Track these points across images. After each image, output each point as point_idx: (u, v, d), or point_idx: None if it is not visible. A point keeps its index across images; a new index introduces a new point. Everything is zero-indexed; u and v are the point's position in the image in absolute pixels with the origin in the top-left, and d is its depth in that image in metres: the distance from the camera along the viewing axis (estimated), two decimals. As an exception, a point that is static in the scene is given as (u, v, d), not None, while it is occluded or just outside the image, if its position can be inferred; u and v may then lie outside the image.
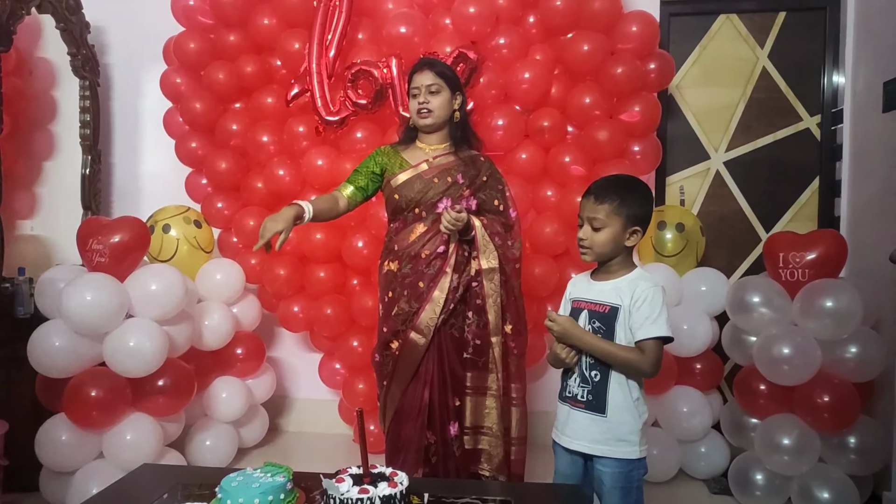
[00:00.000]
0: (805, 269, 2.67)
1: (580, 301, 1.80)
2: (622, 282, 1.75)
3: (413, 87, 2.37)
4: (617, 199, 1.72)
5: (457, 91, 2.40)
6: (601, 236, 1.73)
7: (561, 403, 1.82)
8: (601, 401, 1.72)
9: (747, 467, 2.73)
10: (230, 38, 3.31)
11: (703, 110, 3.52)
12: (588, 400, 1.73)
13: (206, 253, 3.30)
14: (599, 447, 1.72)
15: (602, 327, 1.72)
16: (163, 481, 1.57)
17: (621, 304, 1.71)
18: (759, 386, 2.69)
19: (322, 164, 3.16)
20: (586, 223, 1.76)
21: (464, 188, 2.35)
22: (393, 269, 2.37)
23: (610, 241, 1.73)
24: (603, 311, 1.74)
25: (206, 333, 3.04)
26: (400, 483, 1.30)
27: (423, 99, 2.33)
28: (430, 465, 2.31)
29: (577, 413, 1.75)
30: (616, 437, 1.71)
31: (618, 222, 1.72)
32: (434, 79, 2.34)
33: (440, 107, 2.35)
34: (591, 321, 1.75)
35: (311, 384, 3.63)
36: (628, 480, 1.71)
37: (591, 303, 1.77)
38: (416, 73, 2.38)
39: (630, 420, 1.72)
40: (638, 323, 1.69)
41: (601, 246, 1.74)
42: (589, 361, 1.75)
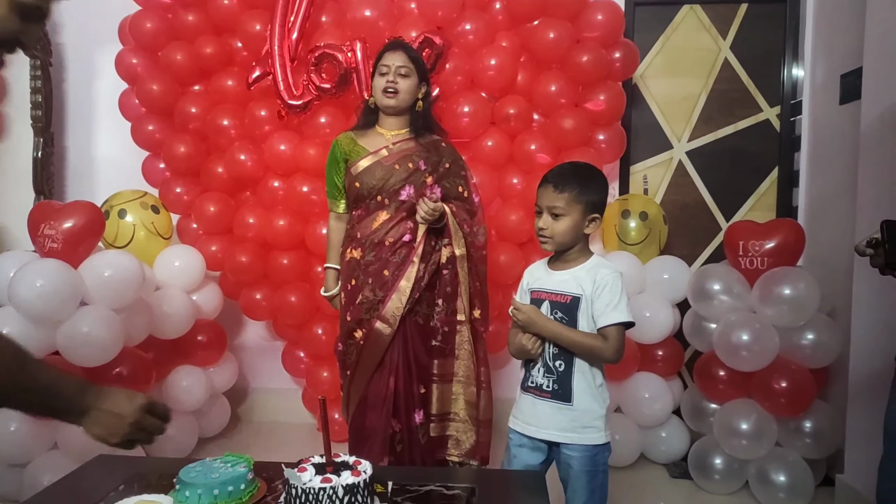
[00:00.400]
0: (764, 257, 2.73)
1: (540, 292, 1.80)
2: (580, 270, 1.76)
3: (382, 64, 2.33)
4: (577, 188, 1.72)
5: (423, 80, 2.38)
6: (561, 225, 1.73)
7: (524, 393, 1.82)
8: (566, 390, 1.73)
9: (706, 452, 2.78)
10: (189, 17, 3.22)
11: (667, 100, 3.55)
12: (554, 389, 1.74)
13: (165, 239, 3.22)
14: (567, 435, 1.74)
15: (564, 318, 1.73)
16: (119, 472, 1.53)
17: (582, 293, 1.72)
18: (718, 372, 2.74)
19: (285, 148, 3.10)
20: (545, 212, 1.75)
21: (426, 174, 2.33)
22: (356, 257, 2.34)
23: (570, 230, 1.73)
24: (564, 302, 1.74)
25: (164, 322, 2.97)
26: (363, 472, 1.29)
27: (392, 78, 2.30)
28: (396, 454, 2.30)
29: (543, 403, 1.76)
30: (582, 424, 1.73)
31: (578, 210, 1.73)
32: (406, 61, 2.32)
33: (407, 90, 2.33)
34: (553, 312, 1.75)
35: (274, 373, 3.59)
36: (594, 464, 1.74)
37: (551, 293, 1.77)
38: (387, 51, 2.35)
39: (595, 407, 1.74)
40: (599, 310, 1.70)
41: (562, 235, 1.74)
42: (553, 351, 1.75)
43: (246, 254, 3.20)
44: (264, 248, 3.23)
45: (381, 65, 2.34)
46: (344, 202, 2.44)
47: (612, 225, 3.21)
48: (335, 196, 2.45)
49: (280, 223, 3.12)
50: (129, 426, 1.15)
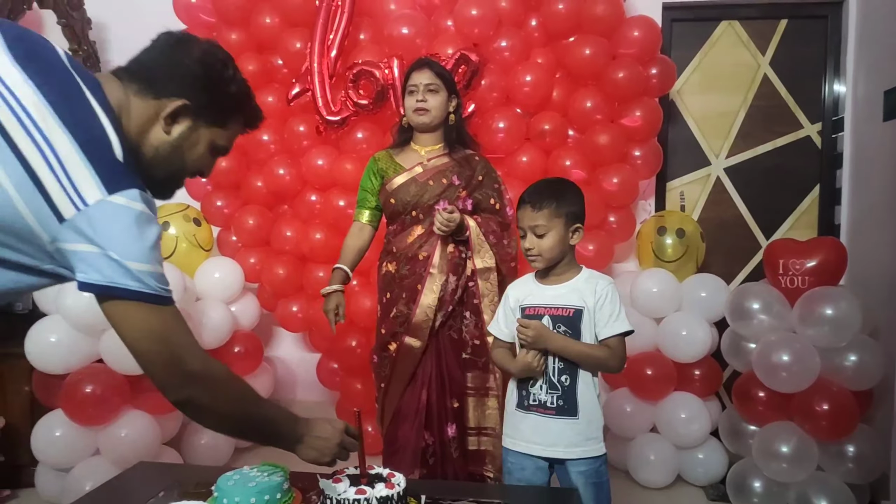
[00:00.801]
0: (805, 276, 2.67)
1: (536, 307, 1.80)
2: (578, 282, 1.79)
3: (411, 84, 2.36)
4: (553, 202, 1.76)
5: (453, 93, 2.40)
6: (547, 241, 1.76)
7: (523, 413, 1.80)
8: (572, 404, 1.75)
9: (745, 474, 2.73)
10: (232, 36, 3.30)
11: (704, 116, 3.52)
12: (559, 405, 1.75)
13: (205, 251, 3.30)
14: (573, 450, 1.75)
15: (568, 330, 1.74)
16: (159, 479, 1.56)
17: (584, 305, 1.74)
18: (757, 393, 2.69)
19: (322, 163, 3.15)
20: (528, 232, 1.78)
21: (460, 189, 2.35)
22: (391, 271, 2.37)
23: (557, 244, 1.77)
24: (567, 315, 1.75)
25: (204, 332, 3.03)
26: (397, 484, 1.30)
27: (420, 97, 2.33)
28: (428, 467, 2.30)
29: (548, 420, 1.76)
30: (586, 436, 1.75)
31: (559, 224, 1.76)
32: (433, 78, 2.34)
33: (437, 107, 2.35)
34: (556, 326, 1.76)
35: (309, 384, 3.63)
36: (599, 476, 1.77)
37: (550, 307, 1.78)
38: (414, 70, 2.38)
39: (597, 418, 1.77)
40: (602, 321, 1.74)
41: (549, 251, 1.77)
42: (558, 366, 1.76)
43: (283, 266, 3.26)
44: (301, 260, 3.29)
45: (409, 85, 2.37)
46: (368, 212, 2.46)
47: (648, 242, 3.18)
48: (362, 205, 2.48)
49: (317, 236, 3.17)
50: (336, 447, 1.31)
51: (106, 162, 1.00)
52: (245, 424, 1.21)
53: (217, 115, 1.18)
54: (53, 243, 1.00)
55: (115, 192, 0.99)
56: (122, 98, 1.11)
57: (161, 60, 1.14)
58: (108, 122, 1.04)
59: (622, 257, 3.42)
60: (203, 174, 1.26)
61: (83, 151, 0.98)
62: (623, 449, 3.10)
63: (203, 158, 1.21)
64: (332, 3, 3.11)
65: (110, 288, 0.99)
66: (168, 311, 1.07)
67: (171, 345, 1.07)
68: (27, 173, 0.96)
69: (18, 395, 2.86)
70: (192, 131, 1.16)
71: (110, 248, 0.98)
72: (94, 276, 0.99)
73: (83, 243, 0.98)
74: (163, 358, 1.07)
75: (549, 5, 3.08)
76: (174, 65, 1.13)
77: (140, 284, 1.01)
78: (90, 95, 1.04)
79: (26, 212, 0.97)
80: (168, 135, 1.14)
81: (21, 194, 0.96)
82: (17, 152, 0.96)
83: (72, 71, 1.05)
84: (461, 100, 2.49)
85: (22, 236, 0.99)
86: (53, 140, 0.97)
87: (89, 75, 1.08)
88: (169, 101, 1.12)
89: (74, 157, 0.97)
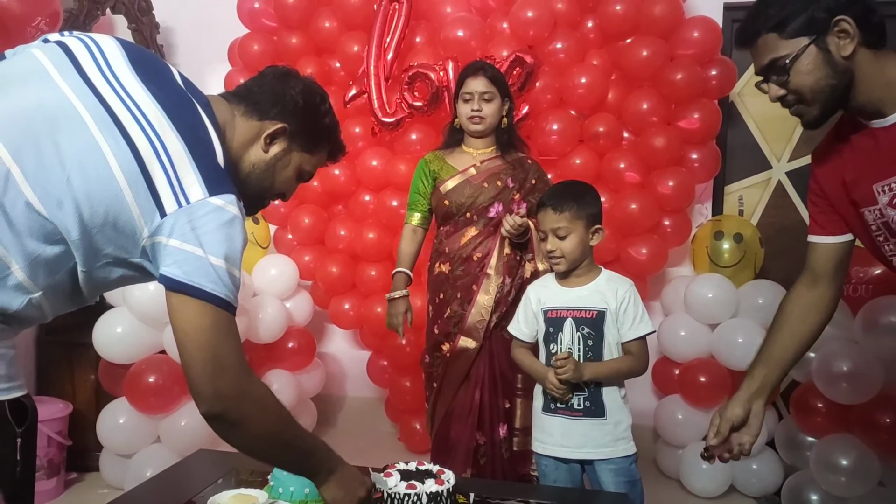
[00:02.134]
0: (868, 284, 2.59)
1: (558, 310, 1.83)
2: (599, 284, 1.82)
3: (465, 91, 2.36)
4: (574, 205, 1.79)
5: (506, 97, 2.40)
6: (569, 243, 1.79)
7: (550, 416, 1.83)
8: (599, 405, 1.77)
9: (801, 487, 2.65)
10: (292, 40, 3.39)
11: (766, 119, 3.42)
12: (587, 407, 1.77)
13: (263, 248, 3.39)
14: (602, 450, 1.77)
15: (591, 332, 1.77)
16: (217, 467, 1.62)
17: (607, 307, 1.77)
18: (816, 403, 2.61)
19: (377, 164, 3.20)
20: (550, 235, 1.81)
21: (514, 191, 2.35)
22: (444, 271, 2.39)
23: (578, 246, 1.79)
24: (590, 317, 1.78)
25: (260, 327, 3.12)
26: (447, 481, 1.32)
27: (476, 106, 2.33)
28: (479, 467, 2.32)
29: (576, 422, 1.79)
30: (615, 437, 1.77)
31: (580, 225, 1.79)
32: (488, 86, 2.33)
33: (492, 114, 2.35)
34: (579, 328, 1.78)
35: (360, 381, 3.68)
36: (631, 475, 1.79)
37: (573, 310, 1.81)
38: (468, 77, 2.37)
39: (625, 418, 1.80)
40: (627, 324, 1.77)
41: (571, 252, 1.79)
42: None
43: (336, 264, 3.32)
44: (354, 259, 3.34)
45: (463, 92, 2.37)
46: (420, 215, 2.48)
47: (703, 246, 3.12)
48: (413, 208, 2.50)
49: (370, 236, 3.22)
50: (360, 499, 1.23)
51: (210, 166, 1.08)
52: (277, 450, 1.16)
53: (309, 142, 1.29)
54: (151, 238, 1.04)
55: (215, 195, 1.05)
56: (227, 116, 1.21)
57: (267, 88, 1.26)
58: (214, 133, 1.13)
59: (676, 262, 3.36)
60: (285, 197, 1.35)
61: (190, 153, 1.05)
62: (675, 457, 3.05)
63: (290, 181, 1.31)
64: (390, 7, 3.16)
65: (185, 285, 1.02)
66: (223, 317, 1.06)
67: (216, 351, 1.05)
68: (139, 166, 1.02)
69: (86, 383, 2.99)
70: (285, 153, 1.26)
71: (201, 245, 1.03)
72: (175, 272, 1.03)
73: (176, 239, 1.02)
74: (203, 360, 1.04)
75: (606, 6, 3.05)
76: (279, 93, 1.24)
77: (214, 286, 1.03)
78: (199, 108, 1.14)
79: (133, 204, 1.03)
80: (265, 153, 1.24)
81: (131, 186, 1.02)
82: (131, 145, 1.03)
83: (182, 86, 1.16)
84: (514, 102, 2.49)
85: (124, 230, 1.05)
86: (165, 138, 1.04)
87: (200, 92, 1.19)
88: (271, 123, 1.23)
89: (182, 157, 1.04)
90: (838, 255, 1.51)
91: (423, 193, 2.46)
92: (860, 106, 1.31)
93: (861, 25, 1.23)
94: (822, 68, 1.25)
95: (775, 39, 1.27)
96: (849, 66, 1.25)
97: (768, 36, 1.28)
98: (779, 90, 1.31)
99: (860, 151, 1.35)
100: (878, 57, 1.26)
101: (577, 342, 1.79)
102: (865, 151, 1.34)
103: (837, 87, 1.27)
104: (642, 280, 3.20)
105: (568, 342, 1.79)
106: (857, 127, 1.36)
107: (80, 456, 2.97)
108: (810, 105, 1.30)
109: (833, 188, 1.43)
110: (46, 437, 2.74)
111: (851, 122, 1.38)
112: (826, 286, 1.54)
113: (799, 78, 1.27)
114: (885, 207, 1.32)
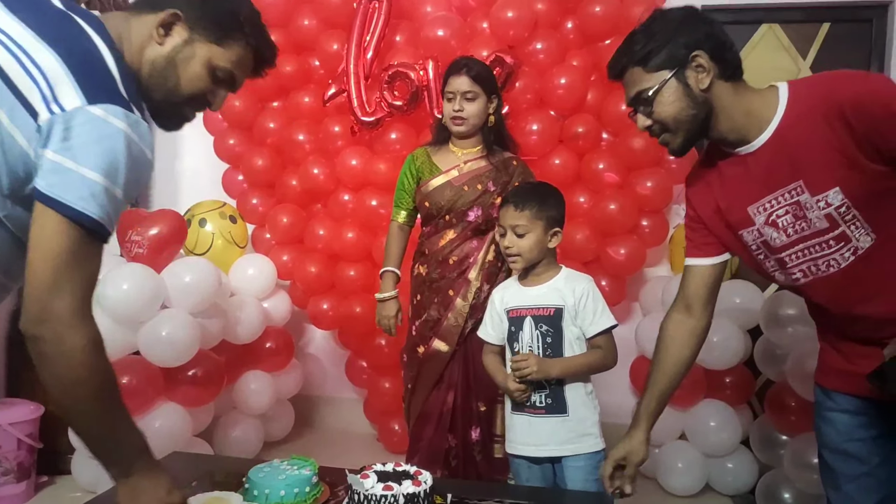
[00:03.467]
0: (842, 285, 2.61)
1: (518, 309, 1.84)
2: (557, 282, 1.83)
3: (448, 90, 2.31)
4: (536, 205, 1.80)
5: (493, 94, 2.34)
6: (526, 242, 1.80)
7: (517, 414, 1.83)
8: (561, 401, 1.78)
9: (776, 484, 2.68)
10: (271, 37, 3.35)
11: (742, 121, 3.46)
12: (548, 404, 1.78)
13: (240, 248, 3.36)
14: (568, 447, 1.78)
15: (550, 329, 1.78)
16: (191, 470, 1.60)
17: (564, 303, 1.79)
18: (791, 402, 2.64)
19: (356, 163, 3.19)
20: (509, 231, 1.82)
21: (495, 195, 2.32)
22: (422, 273, 2.38)
23: (535, 245, 1.80)
24: (548, 314, 1.80)
25: (237, 327, 3.09)
26: (424, 482, 1.31)
27: (457, 106, 2.28)
28: (450, 469, 2.31)
29: (539, 419, 1.79)
30: (579, 433, 1.78)
31: (539, 226, 1.80)
32: (471, 85, 2.27)
33: (475, 114, 2.30)
34: (537, 326, 1.79)
35: (338, 382, 3.67)
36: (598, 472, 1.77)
37: (531, 308, 1.82)
38: (451, 75, 2.31)
39: (590, 414, 1.81)
40: (588, 319, 1.78)
41: (528, 251, 1.80)
42: None
43: (315, 264, 3.30)
44: (333, 259, 3.33)
45: (446, 91, 2.32)
46: (405, 212, 2.47)
47: (681, 246, 3.13)
48: (399, 205, 2.48)
49: (349, 235, 3.21)
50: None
51: (91, 74, 1.01)
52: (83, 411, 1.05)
53: (214, 29, 1.18)
54: (36, 156, 0.99)
55: (95, 103, 0.98)
56: (122, 25, 1.13)
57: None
58: (103, 42, 1.05)
59: (654, 262, 3.38)
60: (208, 103, 1.24)
61: (65, 62, 0.98)
62: (651, 456, 3.05)
63: (200, 78, 1.19)
64: (370, 6, 3.14)
65: (48, 197, 0.96)
66: (84, 241, 0.98)
67: (59, 271, 0.96)
68: (8, 87, 0.97)
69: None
70: (186, 44, 1.16)
71: (73, 157, 0.96)
72: (41, 182, 0.97)
73: (50, 149, 0.97)
74: (42, 278, 0.96)
75: (586, 7, 3.07)
76: None
77: (85, 204, 0.96)
78: (84, 23, 1.06)
79: (10, 126, 0.98)
80: (161, 46, 1.14)
81: (12, 119, 0.98)
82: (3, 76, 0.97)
83: (62, 7, 1.08)
84: (502, 99, 2.44)
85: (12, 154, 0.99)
86: (32, 51, 0.99)
87: (88, 13, 1.10)
88: (163, 11, 1.14)
89: (55, 67, 0.98)
90: (713, 277, 1.57)
91: (407, 191, 2.44)
92: (723, 134, 1.38)
93: (716, 60, 1.33)
94: (683, 100, 1.33)
95: (640, 73, 1.37)
96: (707, 97, 1.33)
97: (634, 69, 1.38)
98: (645, 120, 1.39)
99: (730, 178, 1.42)
100: (736, 88, 1.35)
101: (535, 340, 1.79)
102: (736, 177, 1.40)
103: (698, 117, 1.35)
104: (621, 280, 3.23)
105: (528, 340, 1.80)
106: (725, 154, 1.43)
107: (52, 459, 2.92)
108: (674, 134, 1.38)
109: (708, 214, 1.50)
110: (16, 440, 2.69)
111: (718, 150, 1.45)
112: (700, 313, 1.60)
113: (662, 108, 1.35)
114: (763, 227, 1.38)
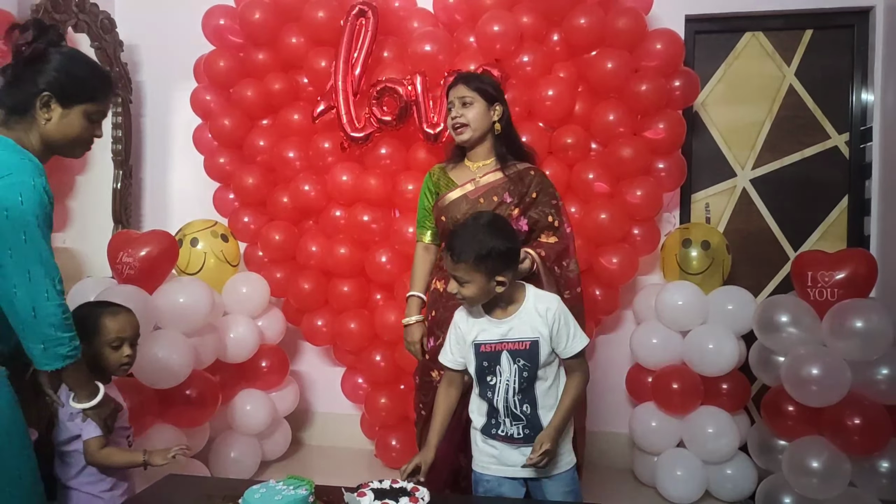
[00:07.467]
0: (834, 288, 2.63)
1: (490, 343, 1.76)
2: (527, 312, 1.76)
3: (448, 102, 2.33)
4: (472, 256, 1.68)
5: (495, 102, 2.30)
6: (468, 290, 1.72)
7: (493, 440, 1.80)
8: (537, 430, 1.75)
9: (775, 490, 2.68)
10: (259, 56, 3.37)
11: (730, 128, 3.50)
12: (526, 434, 1.75)
13: (233, 266, 3.35)
14: (545, 469, 1.75)
15: (527, 364, 1.73)
16: (188, 491, 1.59)
17: (540, 335, 1.73)
18: (787, 407, 2.64)
19: (347, 179, 3.19)
20: (451, 278, 1.75)
21: (511, 207, 2.28)
22: (440, 289, 2.33)
23: (479, 293, 1.73)
24: (525, 348, 1.74)
25: (231, 346, 3.08)
26: (421, 499, 1.31)
27: (455, 113, 2.29)
28: (460, 489, 2.28)
29: (517, 449, 1.77)
30: (556, 453, 1.75)
31: (479, 277, 1.70)
32: (466, 91, 2.27)
33: (474, 119, 2.27)
34: (515, 361, 1.74)
35: (334, 398, 3.65)
36: (574, 483, 1.81)
37: (507, 342, 1.75)
38: (450, 88, 2.33)
39: (565, 436, 1.79)
40: (563, 343, 1.75)
41: (472, 297, 1.74)
42: (517, 399, 1.75)
43: (308, 281, 3.29)
44: (326, 275, 3.32)
45: (447, 104, 2.33)
46: (430, 232, 2.43)
47: (672, 254, 3.16)
48: (423, 225, 2.45)
49: (341, 251, 3.20)
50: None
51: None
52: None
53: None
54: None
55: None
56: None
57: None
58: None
59: (646, 270, 3.40)
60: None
61: None
62: (650, 464, 3.07)
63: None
64: (357, 22, 3.16)
65: None
66: None
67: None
68: None
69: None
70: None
71: None
72: None
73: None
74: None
75: (571, 20, 3.09)
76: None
77: None
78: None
79: None
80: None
81: None
82: None
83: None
84: (507, 107, 2.37)
85: None
86: None
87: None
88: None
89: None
90: None
91: (428, 209, 2.41)
92: None
93: None
94: None
95: None
96: None
97: None
98: None
99: None
100: None
101: (514, 374, 1.74)
102: None
103: None
104: (614, 289, 3.24)
105: (507, 376, 1.75)
106: None
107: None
108: None
109: None
110: (10, 466, 2.65)
111: None
112: None
113: None
114: None
